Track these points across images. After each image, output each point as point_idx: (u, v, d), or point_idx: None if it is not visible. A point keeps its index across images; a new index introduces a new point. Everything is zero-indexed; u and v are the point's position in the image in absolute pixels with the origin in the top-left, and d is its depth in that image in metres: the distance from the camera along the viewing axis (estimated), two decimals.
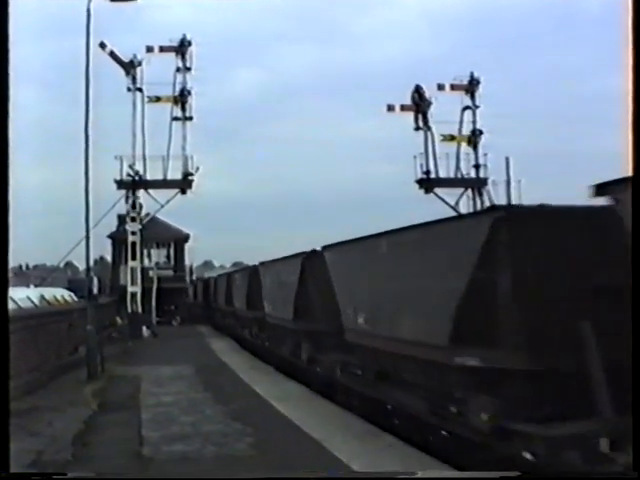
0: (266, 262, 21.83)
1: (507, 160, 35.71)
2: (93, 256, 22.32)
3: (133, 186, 35.00)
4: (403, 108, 37.05)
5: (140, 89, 35.39)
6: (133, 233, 35.01)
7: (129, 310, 33.26)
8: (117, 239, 40.27)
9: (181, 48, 35.76)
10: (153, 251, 44.44)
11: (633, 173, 3.77)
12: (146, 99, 35.44)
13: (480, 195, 36.95)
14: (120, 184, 35.05)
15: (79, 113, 19.17)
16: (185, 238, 45.29)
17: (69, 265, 55.61)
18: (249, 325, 25.30)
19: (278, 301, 19.02)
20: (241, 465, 8.83)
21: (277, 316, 19.22)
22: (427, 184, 36.71)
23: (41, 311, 21.25)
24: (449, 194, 36.85)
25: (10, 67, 3.68)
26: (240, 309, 26.80)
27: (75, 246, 26.35)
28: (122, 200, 35.24)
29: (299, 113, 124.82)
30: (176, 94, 35.70)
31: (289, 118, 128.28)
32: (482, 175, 37.06)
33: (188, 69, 35.90)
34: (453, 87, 37.00)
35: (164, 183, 35.58)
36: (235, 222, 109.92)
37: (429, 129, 37.01)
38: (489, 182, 36.82)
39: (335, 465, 8.47)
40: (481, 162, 36.95)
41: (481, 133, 36.92)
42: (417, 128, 37.02)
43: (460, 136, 37.14)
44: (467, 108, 37.07)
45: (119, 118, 36.51)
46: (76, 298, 30.68)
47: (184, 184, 35.29)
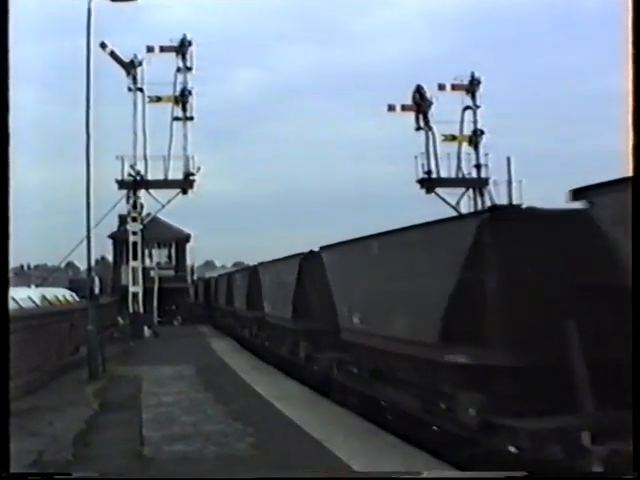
0: (265, 262, 21.89)
1: (508, 160, 35.80)
2: (94, 256, 22.42)
3: (134, 186, 34.97)
4: (404, 108, 37.04)
5: (141, 89, 35.35)
6: (134, 233, 34.98)
7: (130, 310, 33.22)
8: (118, 239, 40.29)
9: (181, 48, 35.73)
10: (154, 251, 44.47)
11: (633, 173, 3.76)
12: (147, 99, 35.41)
13: (481, 195, 36.97)
14: (121, 184, 35.04)
15: (79, 113, 19.24)
16: (186, 238, 45.30)
17: (70, 265, 55.60)
18: (249, 325, 25.33)
19: (277, 301, 19.11)
20: (242, 465, 8.82)
21: (276, 316, 19.32)
22: (428, 184, 36.73)
23: (42, 311, 21.26)
24: (450, 194, 36.93)
25: (10, 67, 3.68)
26: (240, 309, 26.82)
27: (76, 246, 26.37)
28: (123, 200, 35.26)
29: (299, 113, 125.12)
30: (177, 94, 35.69)
31: (289, 118, 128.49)
32: (483, 175, 37.10)
33: (189, 69, 35.89)
34: (454, 87, 37.00)
35: (165, 183, 35.56)
36: (236, 222, 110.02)
37: (430, 129, 37.01)
38: (490, 182, 36.90)
39: (335, 465, 8.47)
40: (482, 162, 37.00)
41: (482, 133, 36.92)
42: (418, 128, 37.02)
43: (461, 136, 37.14)
44: (468, 108, 37.09)
45: (120, 118, 36.52)
46: (77, 298, 30.74)
47: (185, 184, 35.26)
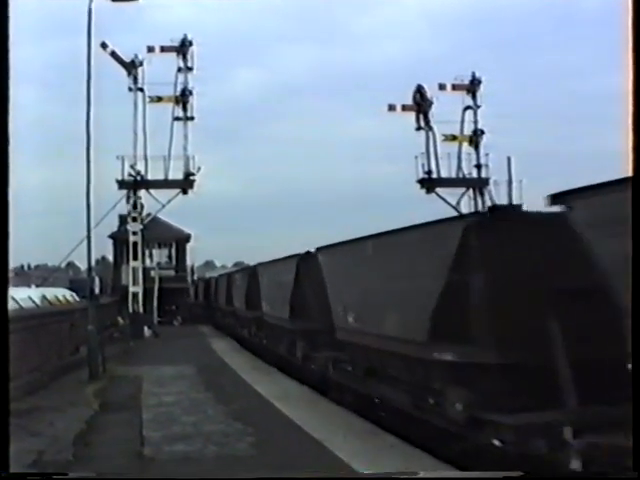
0: (264, 263, 21.93)
1: (509, 160, 35.79)
2: (94, 256, 22.44)
3: (134, 186, 34.94)
4: (404, 108, 36.99)
5: (141, 89, 35.33)
6: (134, 233, 34.98)
7: (130, 310, 33.20)
8: (118, 239, 40.29)
9: (182, 48, 35.69)
10: (154, 251, 44.46)
11: (633, 173, 3.77)
12: (147, 99, 35.38)
13: (482, 195, 36.95)
14: (121, 184, 35.02)
15: (80, 113, 19.23)
16: (186, 238, 45.31)
17: (71, 265, 55.53)
18: (248, 325, 25.37)
19: (275, 301, 19.25)
20: (242, 465, 8.82)
21: (274, 315, 19.47)
22: (429, 184, 36.71)
23: (42, 311, 21.28)
24: (451, 194, 36.90)
25: (10, 67, 3.68)
26: (240, 309, 26.85)
27: (76, 246, 26.38)
28: (123, 200, 35.23)
29: (299, 113, 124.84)
30: (177, 94, 35.66)
31: (289, 118, 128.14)
32: (484, 175, 37.05)
33: (189, 69, 35.87)
34: (454, 87, 36.96)
35: (165, 183, 35.54)
36: (236, 222, 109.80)
37: (430, 129, 36.97)
38: (491, 182, 36.88)
39: (335, 465, 8.47)
40: (482, 162, 36.94)
41: (482, 133, 36.88)
42: (418, 128, 36.98)
43: (461, 136, 37.10)
44: (468, 108, 37.06)
45: (120, 118, 36.47)
46: (78, 298, 30.74)
47: (185, 184, 35.24)
